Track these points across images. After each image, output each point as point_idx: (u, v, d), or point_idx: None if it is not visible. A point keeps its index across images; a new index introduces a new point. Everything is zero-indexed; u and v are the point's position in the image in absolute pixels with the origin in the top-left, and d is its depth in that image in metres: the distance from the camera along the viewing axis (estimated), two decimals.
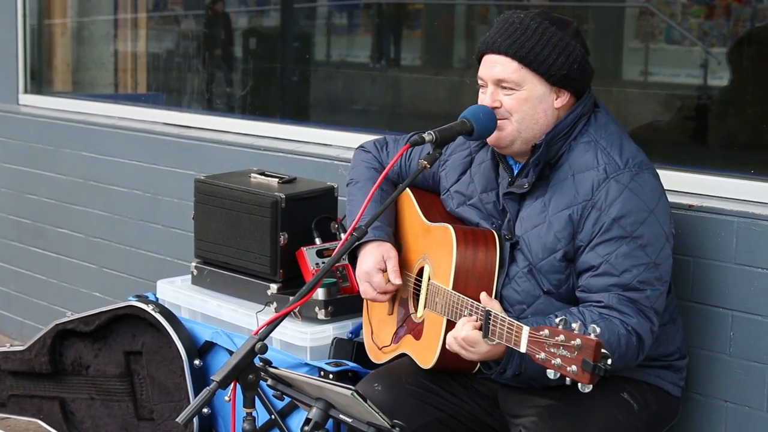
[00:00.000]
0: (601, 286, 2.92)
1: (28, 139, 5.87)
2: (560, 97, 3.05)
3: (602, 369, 2.43)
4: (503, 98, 3.03)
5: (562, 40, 3.01)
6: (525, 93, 3.02)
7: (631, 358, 2.91)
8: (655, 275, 2.92)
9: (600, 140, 3.03)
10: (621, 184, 2.95)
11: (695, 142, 4.17)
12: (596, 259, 2.93)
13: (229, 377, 2.62)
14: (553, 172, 3.05)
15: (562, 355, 2.49)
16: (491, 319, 2.76)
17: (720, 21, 4.22)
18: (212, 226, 4.08)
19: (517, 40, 3.00)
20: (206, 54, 5.61)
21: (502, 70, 3.02)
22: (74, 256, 5.66)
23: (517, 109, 3.02)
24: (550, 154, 3.04)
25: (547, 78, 3.02)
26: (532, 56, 3.00)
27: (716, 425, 3.34)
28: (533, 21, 3.02)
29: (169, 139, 5.13)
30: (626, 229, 2.92)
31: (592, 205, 2.96)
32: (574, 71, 3.03)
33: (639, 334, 2.89)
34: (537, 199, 3.05)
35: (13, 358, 4.46)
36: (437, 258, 3.17)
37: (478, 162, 3.26)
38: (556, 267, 3.00)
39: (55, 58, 6.34)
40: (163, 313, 4.08)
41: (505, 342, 2.71)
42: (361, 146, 3.62)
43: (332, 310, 3.76)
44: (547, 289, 3.02)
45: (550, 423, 2.96)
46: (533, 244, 3.03)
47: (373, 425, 2.67)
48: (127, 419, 4.24)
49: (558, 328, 2.51)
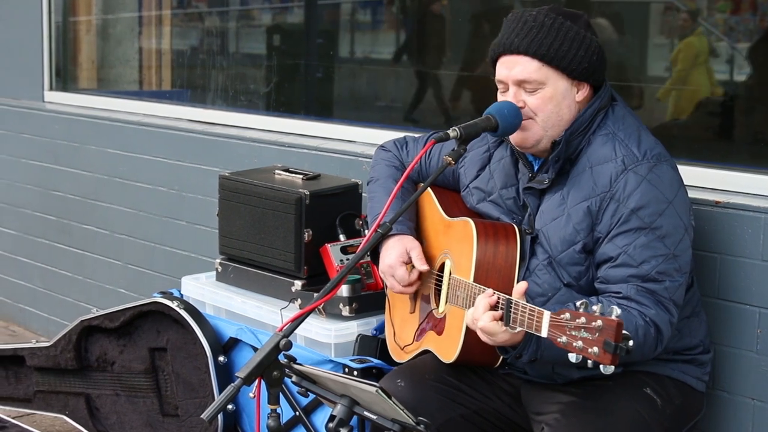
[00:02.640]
0: (619, 277, 2.91)
1: (53, 136, 5.89)
2: (581, 90, 3.05)
3: (624, 350, 2.43)
4: (527, 98, 3.02)
5: (579, 34, 3.01)
6: (549, 91, 3.01)
7: (650, 350, 2.89)
8: (674, 266, 2.91)
9: (618, 132, 3.02)
10: (639, 175, 2.94)
11: (722, 138, 4.15)
12: (615, 250, 2.92)
13: (254, 374, 2.62)
14: (572, 166, 3.05)
15: (583, 337, 2.48)
16: (512, 307, 2.75)
17: (746, 16, 4.20)
18: (237, 222, 4.08)
19: (535, 38, 2.99)
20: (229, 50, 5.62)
21: (523, 70, 3.01)
22: (99, 253, 5.68)
23: (542, 108, 3.01)
24: (570, 149, 3.03)
25: (569, 73, 3.01)
26: (552, 53, 2.99)
27: (742, 423, 3.33)
28: (547, 18, 3.01)
29: (194, 135, 5.14)
30: (645, 220, 2.91)
31: (610, 196, 2.95)
32: (594, 63, 3.03)
33: (657, 325, 2.87)
34: (556, 193, 3.05)
35: (38, 354, 4.48)
36: (458, 252, 3.16)
37: (498, 158, 3.25)
38: (576, 259, 3.00)
39: (80, 55, 6.36)
40: (188, 309, 4.09)
41: (526, 328, 2.70)
42: (382, 146, 3.63)
43: (356, 306, 3.76)
44: (567, 282, 3.01)
45: (573, 420, 2.95)
46: (552, 237, 3.02)
47: (398, 422, 2.67)
48: (152, 415, 4.25)
49: (579, 311, 2.50)
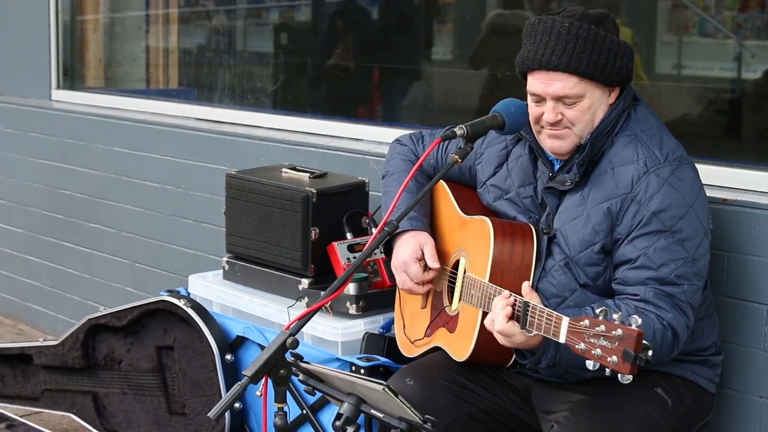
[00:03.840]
0: (638, 279, 2.90)
1: (60, 134, 5.89)
2: (613, 93, 3.04)
3: (643, 359, 2.43)
4: (565, 111, 2.99)
5: (613, 42, 2.97)
6: (587, 102, 2.99)
7: (666, 353, 2.89)
8: (692, 270, 2.91)
9: (640, 134, 3.01)
10: (661, 178, 2.93)
11: (729, 136, 4.13)
12: (634, 252, 2.91)
13: (261, 372, 2.62)
14: (594, 166, 3.04)
15: (602, 345, 2.48)
16: (529, 310, 2.75)
17: (754, 13, 4.19)
18: (243, 221, 4.08)
19: (573, 54, 2.94)
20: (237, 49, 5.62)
21: (563, 87, 2.97)
22: (106, 251, 5.69)
23: (580, 119, 2.99)
24: (594, 151, 3.02)
25: (607, 83, 2.99)
26: (591, 67, 2.95)
27: (751, 421, 3.31)
28: (580, 29, 2.95)
29: (201, 134, 5.14)
30: (665, 223, 2.90)
31: (631, 198, 2.94)
32: (629, 69, 3.01)
33: (674, 329, 2.87)
34: (576, 193, 3.04)
35: (46, 352, 4.49)
36: (474, 250, 3.15)
37: (516, 156, 3.24)
38: (594, 260, 2.99)
39: (87, 54, 6.36)
40: (195, 307, 4.09)
41: (543, 333, 2.69)
42: (397, 140, 3.61)
43: (363, 305, 3.75)
44: (583, 282, 3.00)
45: (582, 418, 2.94)
46: (570, 237, 3.01)
47: (405, 420, 2.66)
48: (159, 413, 4.25)
49: (598, 319, 2.49)
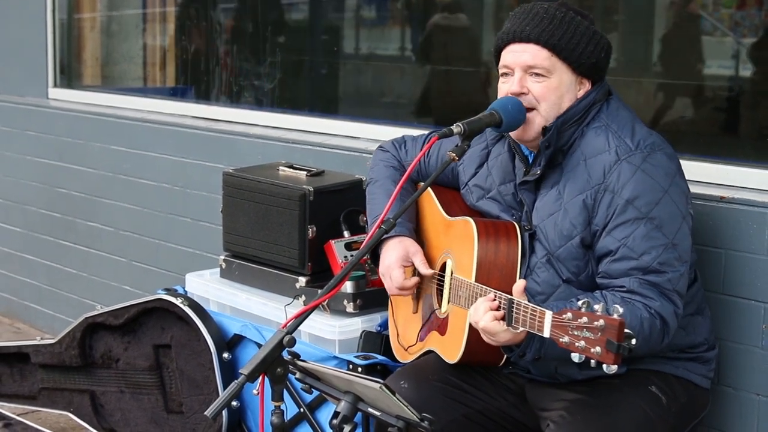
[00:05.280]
0: (621, 270, 2.89)
1: (57, 133, 5.89)
2: (582, 87, 3.04)
3: (626, 349, 2.43)
4: (532, 85, 3.00)
5: (589, 29, 3.01)
6: (555, 81, 2.99)
7: (656, 342, 2.88)
8: (674, 255, 2.89)
9: (611, 124, 3.01)
10: (633, 165, 2.92)
11: (727, 134, 4.13)
12: (614, 244, 2.91)
13: (258, 370, 2.62)
14: (566, 159, 3.03)
15: (585, 337, 2.47)
16: (514, 307, 2.74)
17: (752, 11, 4.19)
18: (241, 219, 4.08)
19: (546, 29, 2.98)
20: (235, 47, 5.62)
21: (533, 57, 2.99)
22: (104, 250, 5.68)
23: (546, 97, 2.99)
24: (562, 140, 3.01)
25: (576, 67, 3.00)
26: (563, 44, 2.97)
27: (747, 419, 3.32)
28: (558, 11, 3.01)
29: (198, 132, 5.13)
30: (641, 210, 2.89)
31: (605, 188, 2.93)
32: (601, 60, 3.03)
33: (663, 317, 2.86)
34: (552, 188, 3.04)
35: (43, 351, 4.49)
36: (459, 252, 3.15)
37: (495, 155, 3.24)
38: (574, 254, 2.98)
39: (84, 52, 6.36)
40: (192, 306, 4.09)
41: (528, 329, 2.69)
42: (380, 146, 3.62)
43: (361, 303, 3.75)
44: (566, 278, 3.00)
45: (578, 417, 2.94)
46: (550, 233, 3.01)
47: (402, 419, 2.66)
48: (156, 412, 4.25)
49: (581, 311, 2.49)
